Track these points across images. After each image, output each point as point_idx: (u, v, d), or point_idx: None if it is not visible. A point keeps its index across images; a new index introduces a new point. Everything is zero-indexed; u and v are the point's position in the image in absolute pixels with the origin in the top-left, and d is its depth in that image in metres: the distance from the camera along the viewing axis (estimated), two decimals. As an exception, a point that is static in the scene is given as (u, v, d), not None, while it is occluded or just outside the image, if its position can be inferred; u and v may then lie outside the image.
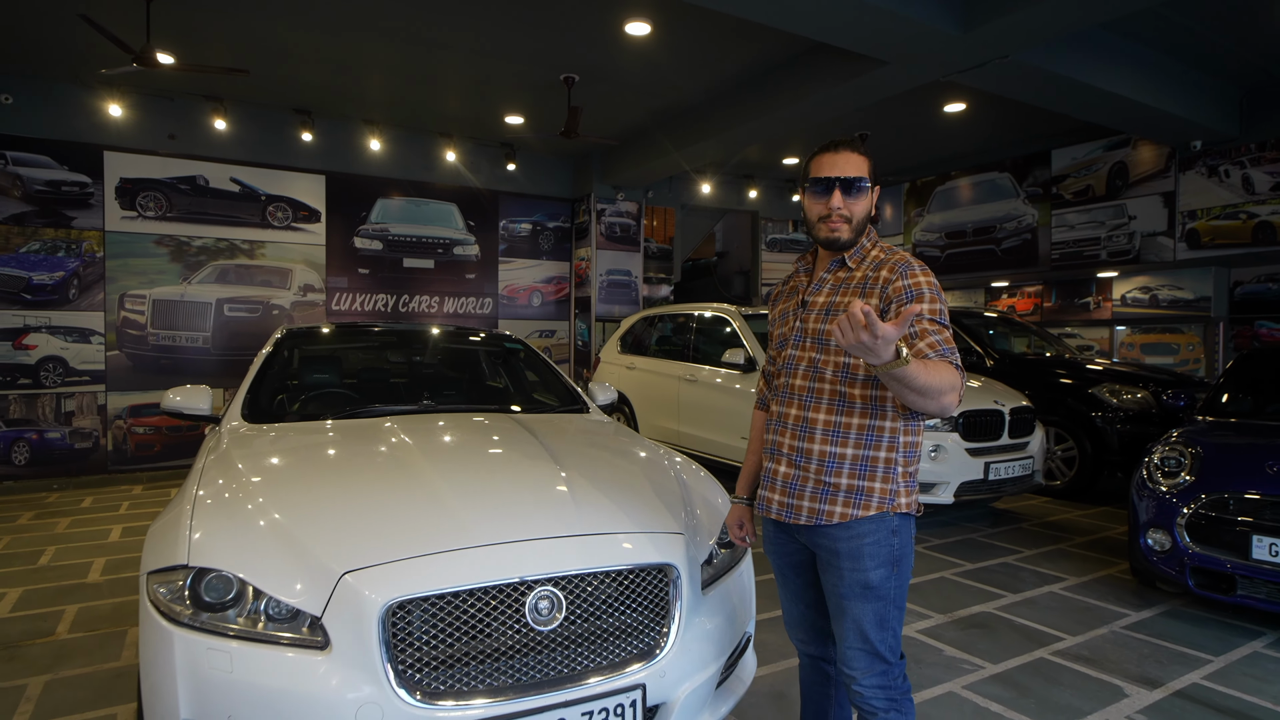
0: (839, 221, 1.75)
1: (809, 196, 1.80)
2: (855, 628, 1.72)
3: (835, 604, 1.77)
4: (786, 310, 1.93)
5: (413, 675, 1.69)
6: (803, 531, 1.81)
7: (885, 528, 1.71)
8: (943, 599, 3.75)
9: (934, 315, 1.66)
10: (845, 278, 1.80)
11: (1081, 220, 8.13)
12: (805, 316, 1.84)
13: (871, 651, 1.72)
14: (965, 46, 4.79)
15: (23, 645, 3.16)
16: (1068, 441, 6.14)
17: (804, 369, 1.81)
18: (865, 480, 1.72)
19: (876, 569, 1.71)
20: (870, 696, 1.72)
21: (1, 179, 6.42)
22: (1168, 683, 2.85)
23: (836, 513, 1.72)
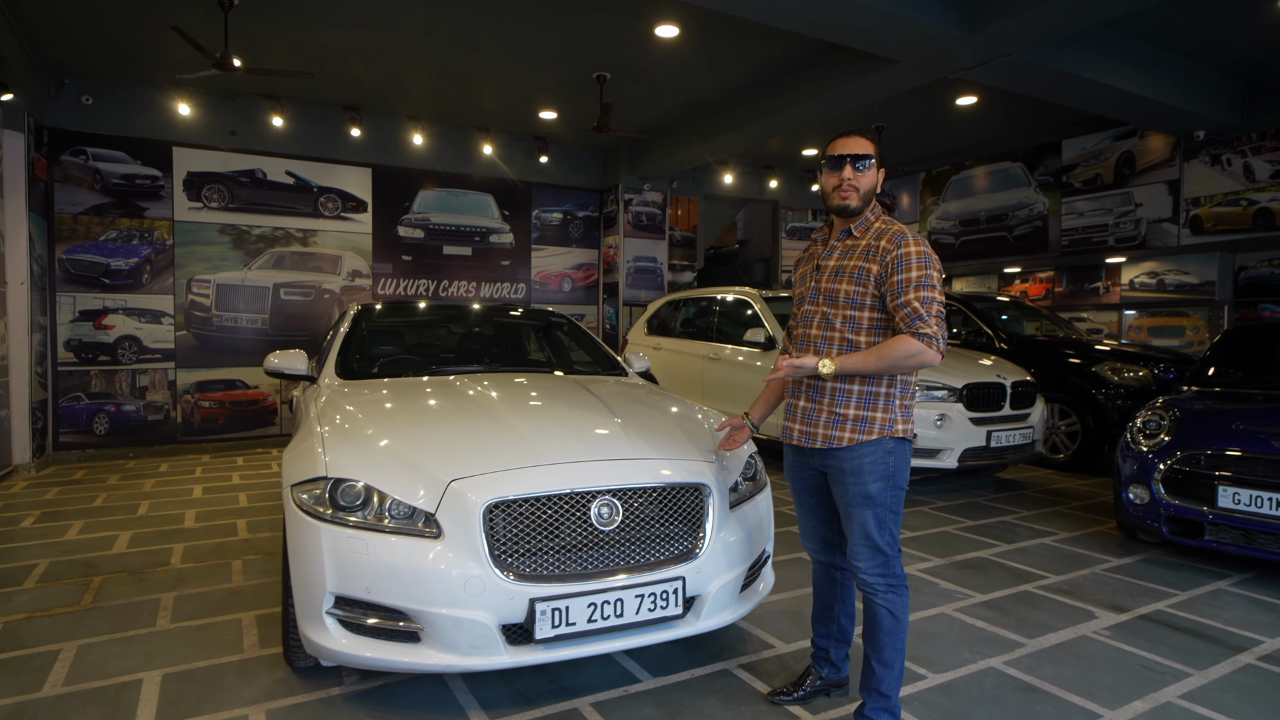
0: (849, 190, 2.12)
1: (825, 172, 2.18)
2: (860, 529, 2.13)
3: (844, 511, 2.17)
4: (805, 274, 2.32)
5: (505, 559, 2.18)
6: (816, 455, 2.21)
7: (882, 449, 2.10)
8: (943, 547, 4.19)
9: (919, 282, 2.02)
10: (852, 245, 2.17)
11: (1090, 208, 8.44)
12: (819, 278, 2.22)
13: (873, 546, 2.12)
14: (970, 46, 5.18)
15: (146, 572, 3.71)
16: (1071, 417, 6.51)
17: (818, 320, 2.20)
18: (869, 411, 2.11)
19: (875, 482, 2.10)
20: (873, 582, 2.13)
21: (83, 173, 7.02)
22: (1134, 610, 3.27)
23: (845, 438, 2.11)
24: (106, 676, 2.57)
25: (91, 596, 3.36)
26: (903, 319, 2.03)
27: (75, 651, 2.77)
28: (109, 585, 3.51)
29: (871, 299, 2.11)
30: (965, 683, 2.56)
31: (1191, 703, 2.43)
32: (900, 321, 2.04)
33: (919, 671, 2.63)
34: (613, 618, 2.23)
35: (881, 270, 2.08)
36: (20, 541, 4.26)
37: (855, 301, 2.12)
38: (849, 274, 2.13)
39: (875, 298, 2.10)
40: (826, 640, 2.42)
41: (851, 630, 2.44)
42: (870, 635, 2.15)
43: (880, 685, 2.12)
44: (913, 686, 2.52)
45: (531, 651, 2.18)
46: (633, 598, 2.26)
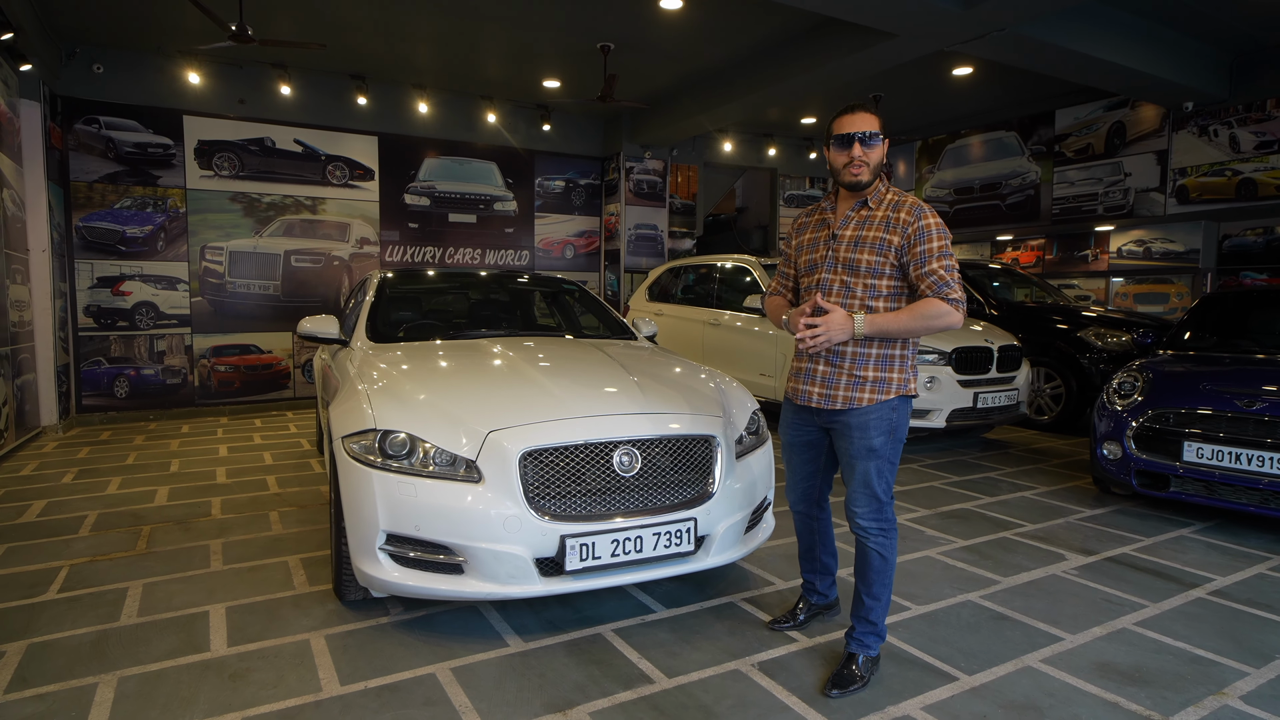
0: (860, 167, 2.21)
1: (834, 150, 2.25)
2: (861, 478, 2.28)
3: (847, 462, 2.32)
4: (816, 239, 2.37)
5: (539, 501, 2.46)
6: (824, 414, 2.34)
7: (887, 407, 2.25)
8: (930, 499, 4.50)
9: (941, 251, 2.17)
10: (868, 216, 2.27)
11: (1081, 177, 8.65)
12: (836, 247, 2.30)
13: (871, 494, 2.28)
14: (966, 20, 5.34)
15: (191, 521, 4.00)
16: (1057, 380, 6.80)
17: (837, 288, 2.29)
18: (886, 372, 2.25)
19: (879, 436, 2.26)
20: (868, 526, 2.30)
21: (96, 141, 7.15)
22: (1101, 553, 3.59)
23: (865, 398, 2.24)
24: (175, 609, 2.86)
25: (144, 543, 3.64)
26: (929, 286, 2.16)
27: (141, 589, 3.06)
28: (159, 533, 3.79)
29: (891, 268, 2.23)
30: (945, 613, 2.86)
31: (1144, 628, 2.75)
32: (927, 288, 2.17)
33: (904, 604, 2.94)
34: (633, 553, 2.52)
35: (903, 241, 2.20)
36: (65, 495, 4.53)
37: (876, 271, 2.23)
38: (870, 244, 2.24)
39: (894, 266, 2.22)
40: (813, 575, 2.69)
41: (834, 565, 2.70)
42: (861, 573, 2.34)
43: (869, 615, 2.34)
44: (898, 615, 2.82)
45: (562, 581, 2.47)
46: (650, 535, 2.54)
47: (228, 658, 2.47)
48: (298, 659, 2.45)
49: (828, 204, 2.42)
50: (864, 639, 2.35)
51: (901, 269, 2.23)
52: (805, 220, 2.49)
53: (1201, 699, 2.27)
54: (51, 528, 3.89)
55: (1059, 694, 2.28)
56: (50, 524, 3.96)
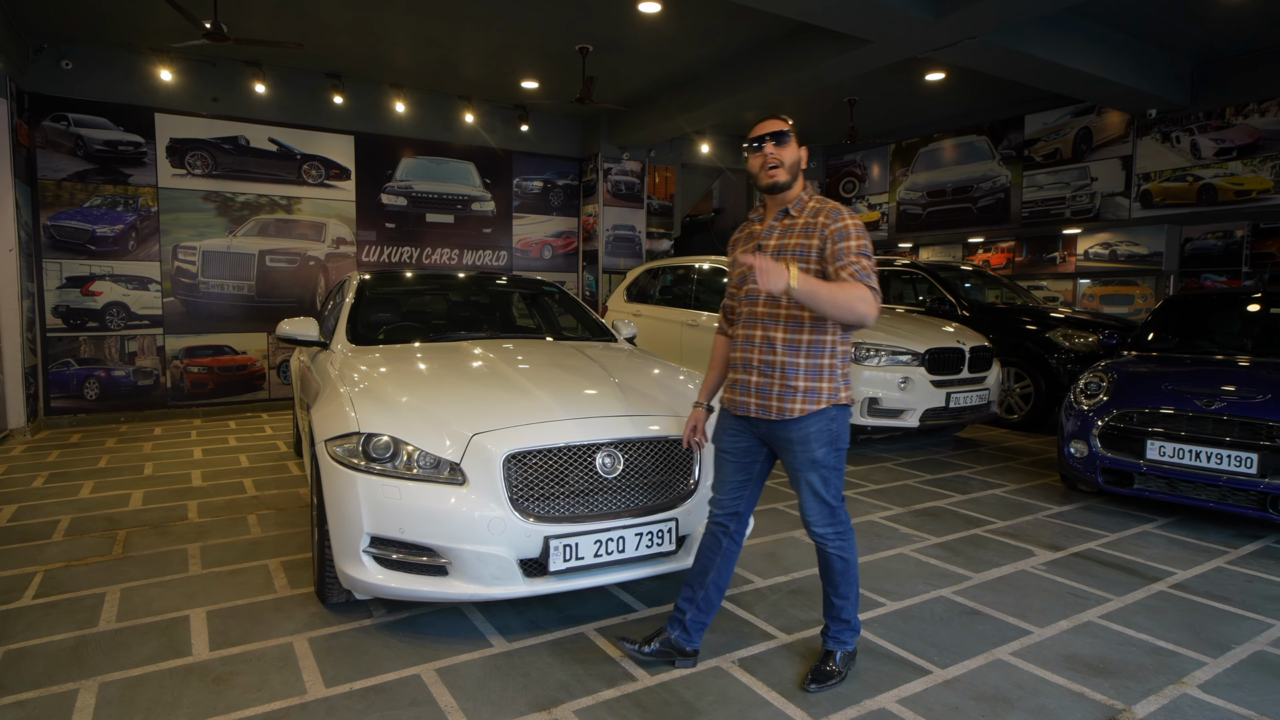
0: (775, 166, 2.25)
1: (750, 155, 2.31)
2: (809, 489, 2.29)
3: (793, 475, 2.32)
4: (747, 253, 2.38)
5: (522, 503, 2.49)
6: (762, 425, 2.31)
7: (826, 419, 2.25)
8: (904, 498, 4.60)
9: (859, 250, 2.17)
10: (790, 224, 2.30)
11: (1050, 181, 8.85)
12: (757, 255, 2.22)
13: (821, 502, 2.29)
14: (939, 29, 5.45)
15: (167, 525, 3.96)
16: (1026, 380, 6.96)
17: (764, 299, 2.29)
18: (816, 382, 2.24)
19: (820, 448, 2.25)
20: (824, 533, 2.31)
21: (65, 139, 7.02)
22: (1069, 548, 3.70)
23: (797, 409, 2.24)
24: (155, 614, 2.85)
25: (120, 547, 3.61)
26: (851, 274, 2.13)
27: (120, 594, 3.04)
28: (134, 537, 3.76)
29: (815, 274, 2.20)
30: (919, 608, 2.95)
31: (1108, 621, 2.85)
32: (849, 276, 2.14)
33: (878, 600, 3.01)
34: (616, 553, 2.56)
35: (822, 243, 2.21)
36: (37, 500, 4.46)
37: None
38: (792, 252, 2.25)
39: (817, 272, 2.21)
40: (688, 604, 2.45)
41: (717, 603, 2.47)
42: (826, 577, 2.37)
43: (841, 613, 2.38)
44: (873, 612, 2.90)
45: (546, 582, 2.50)
46: (633, 535, 2.59)
47: (210, 662, 2.47)
48: (281, 662, 2.46)
49: (756, 217, 2.45)
50: (840, 636, 2.41)
51: (824, 274, 2.21)
52: (737, 237, 2.50)
53: (1162, 688, 2.36)
54: (23, 533, 3.84)
55: (1028, 685, 2.37)
56: (22, 529, 3.90)
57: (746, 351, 2.34)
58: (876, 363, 5.55)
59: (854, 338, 5.63)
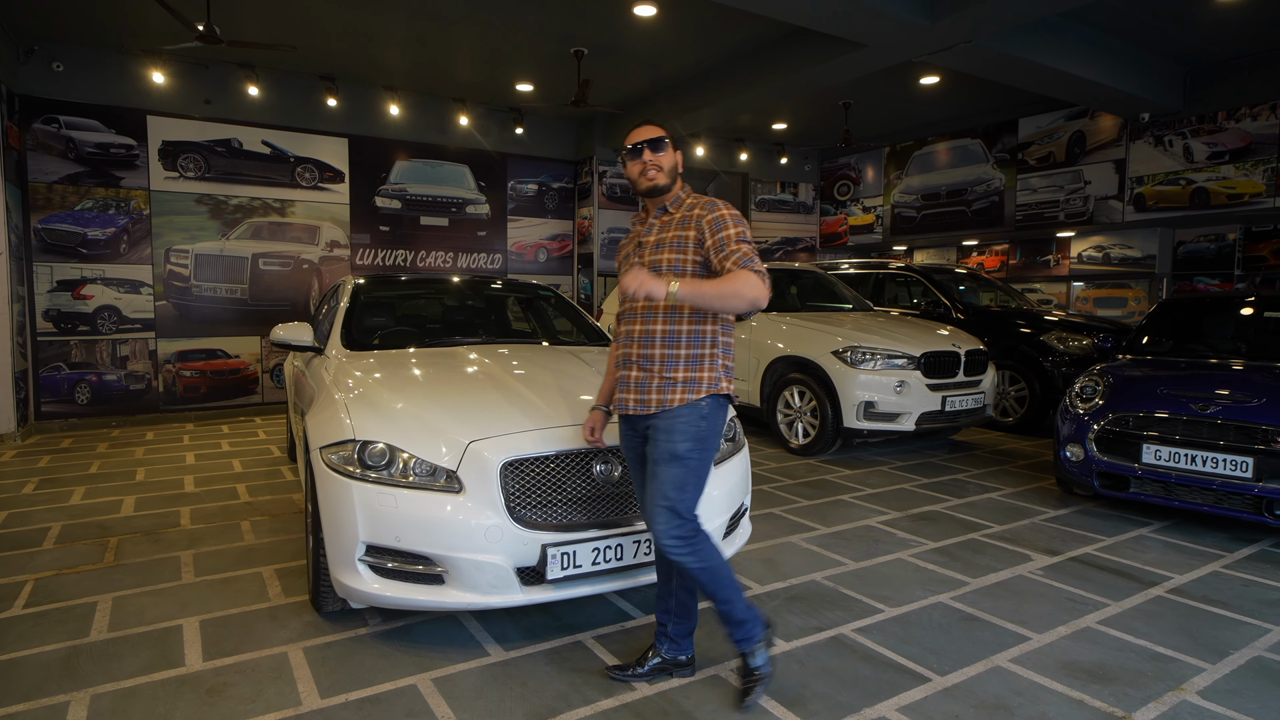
0: (654, 171, 2.26)
1: (629, 161, 2.30)
2: (659, 488, 2.15)
3: (651, 468, 2.21)
4: (629, 254, 2.41)
5: (519, 511, 2.47)
6: (640, 421, 2.27)
7: (696, 413, 2.18)
8: (900, 502, 4.59)
9: (739, 237, 2.15)
10: (668, 220, 2.29)
11: (1043, 184, 8.88)
12: (642, 253, 2.32)
13: (668, 507, 2.13)
14: (933, 33, 5.46)
15: (159, 532, 3.93)
16: (1021, 383, 6.97)
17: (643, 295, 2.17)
18: (696, 372, 2.21)
19: (684, 441, 2.16)
20: (670, 544, 2.14)
21: (56, 141, 6.97)
22: (1065, 553, 3.70)
23: (677, 399, 2.19)
24: (147, 623, 2.81)
25: (112, 555, 3.57)
26: (735, 262, 2.11)
27: (111, 603, 3.00)
28: (126, 545, 3.72)
29: (693, 265, 2.20)
30: (916, 614, 2.94)
31: (1106, 626, 2.85)
32: (734, 264, 2.11)
33: (876, 606, 3.00)
34: (614, 560, 2.54)
35: (699, 234, 2.19)
36: (27, 507, 4.42)
37: (677, 269, 2.20)
38: (668, 244, 2.24)
39: (696, 263, 2.20)
40: (666, 615, 2.41)
41: (692, 606, 2.39)
42: (702, 589, 2.23)
43: (732, 615, 2.23)
44: (871, 619, 2.89)
45: (543, 590, 2.48)
46: (630, 543, 2.57)
47: (204, 672, 2.44)
48: (276, 672, 2.44)
49: (637, 219, 2.45)
50: (748, 635, 2.26)
51: (705, 265, 2.19)
52: (625, 240, 2.49)
53: (1162, 695, 2.36)
54: (14, 540, 3.80)
55: (1027, 693, 2.36)
56: (12, 536, 3.86)
57: (626, 347, 2.31)
58: (872, 366, 5.54)
59: (851, 341, 5.64)
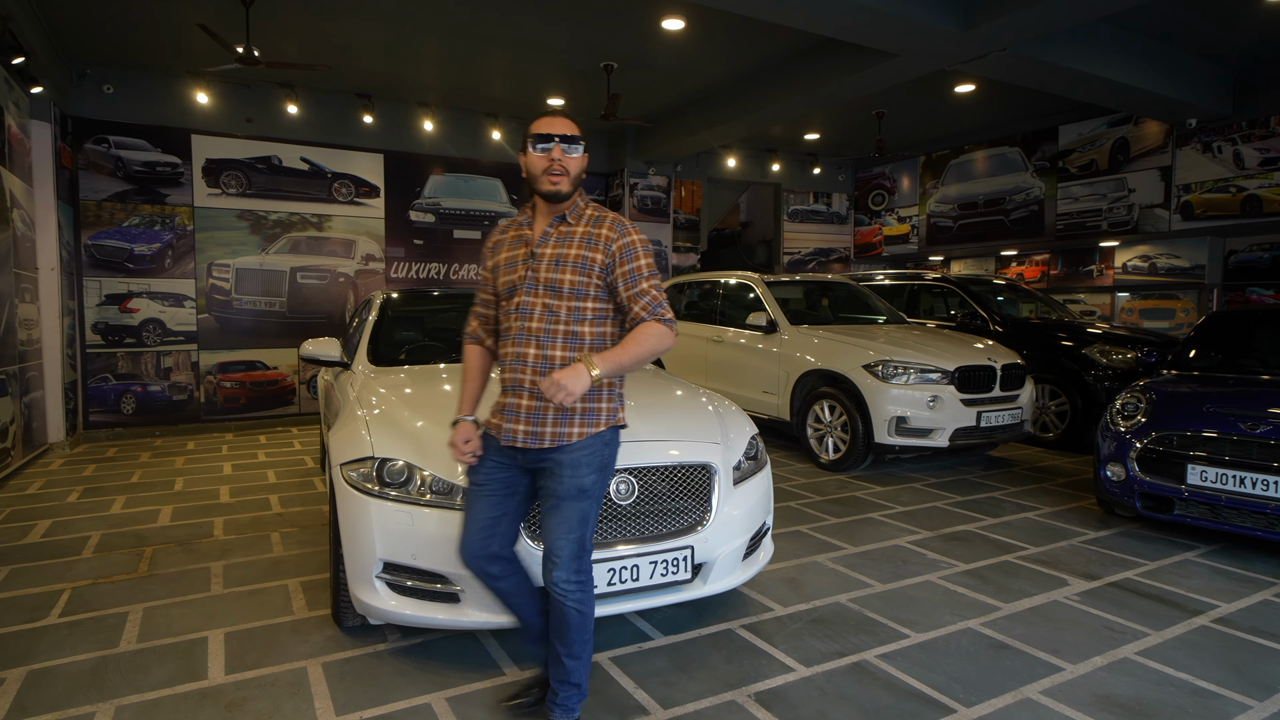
0: (560, 173, 2.02)
1: (533, 153, 2.04)
2: (567, 525, 2.03)
3: (554, 505, 2.04)
4: (514, 259, 2.11)
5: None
6: (530, 454, 2.06)
7: (601, 441, 2.08)
8: (931, 521, 4.48)
9: (650, 270, 2.06)
10: (568, 232, 2.07)
11: (1085, 193, 8.64)
12: (536, 267, 2.05)
13: (578, 541, 2.04)
14: (966, 42, 5.36)
15: (193, 543, 4.01)
16: (1061, 397, 6.77)
17: (539, 313, 2.04)
18: (595, 403, 2.06)
19: (590, 474, 2.05)
20: (568, 580, 2.03)
21: (106, 161, 7.24)
22: (1105, 578, 3.56)
23: (575, 433, 2.03)
24: (174, 635, 2.87)
25: (146, 565, 3.66)
26: (644, 307, 2.03)
27: (142, 613, 3.07)
28: (160, 555, 3.81)
29: (595, 288, 2.05)
30: (944, 641, 2.85)
31: (1146, 658, 2.72)
32: (642, 310, 2.03)
33: (902, 631, 2.92)
34: (630, 581, 2.52)
35: (607, 259, 2.05)
36: (70, 515, 4.56)
37: (580, 292, 2.04)
38: (572, 263, 2.04)
39: (598, 287, 2.06)
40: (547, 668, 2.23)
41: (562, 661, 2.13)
42: (560, 633, 2.08)
43: (571, 677, 2.11)
44: (896, 644, 2.81)
45: (558, 611, 2.46)
46: (647, 564, 2.54)
47: (225, 686, 2.48)
48: (294, 688, 2.46)
49: (525, 219, 2.18)
50: (567, 703, 2.14)
51: (608, 289, 2.07)
52: (500, 238, 2.20)
53: (1202, 733, 2.25)
54: (55, 549, 3.91)
55: (1057, 728, 2.27)
56: (54, 545, 3.98)
57: (518, 372, 2.05)
58: (905, 380, 5.43)
59: (882, 355, 5.54)
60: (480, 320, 2.29)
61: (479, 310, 2.29)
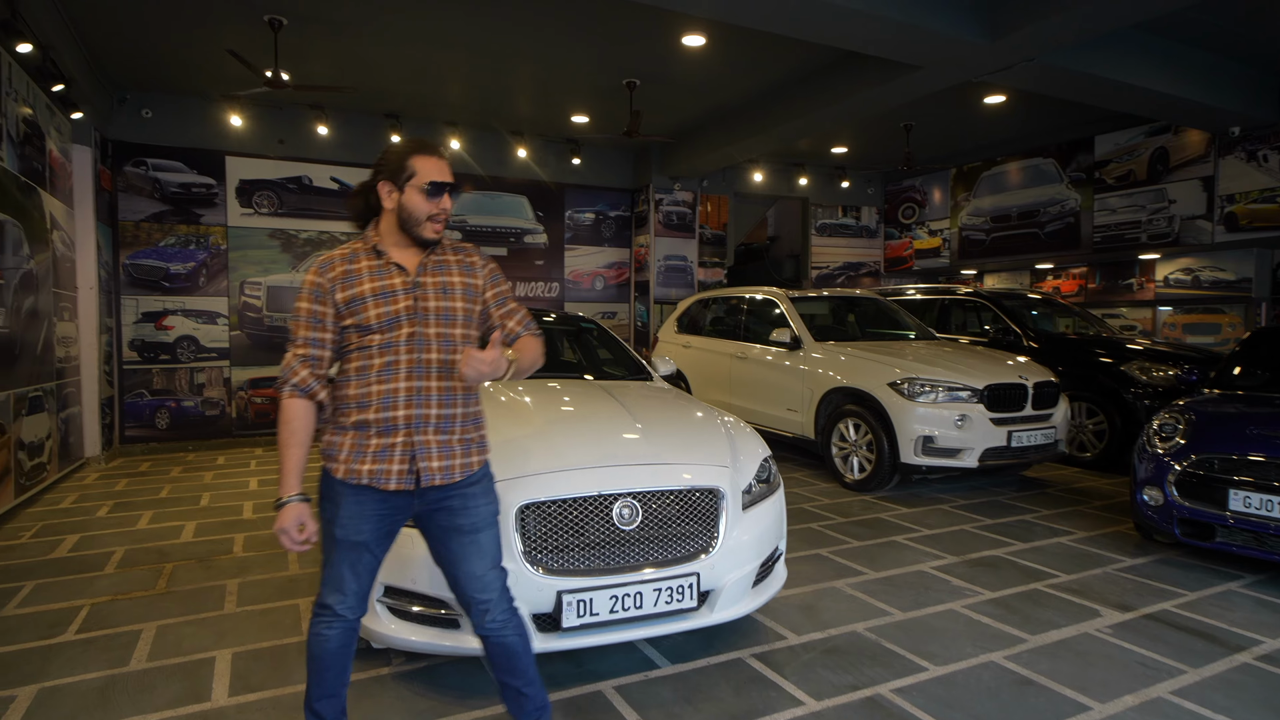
0: (443, 222, 1.97)
1: (422, 195, 1.91)
2: (489, 552, 2.00)
3: (469, 541, 1.97)
4: (388, 289, 1.93)
5: (536, 555, 2.42)
6: (435, 493, 1.95)
7: (488, 465, 2.09)
8: (958, 545, 4.33)
9: (511, 291, 2.16)
10: (442, 260, 2.01)
11: (1123, 204, 8.38)
12: (423, 295, 1.95)
13: (499, 567, 2.03)
14: (992, 52, 5.24)
15: (212, 560, 4.05)
16: (1100, 416, 6.53)
17: (437, 344, 1.95)
18: (480, 429, 2.06)
19: (494, 499, 2.06)
20: (504, 612, 2.00)
21: (144, 183, 7.45)
22: (1140, 609, 3.39)
23: (475, 461, 2.01)
24: (183, 654, 2.88)
25: (165, 581, 3.70)
26: (519, 322, 2.12)
27: (155, 631, 3.10)
28: (180, 571, 3.85)
29: (477, 314, 2.06)
30: (964, 675, 2.73)
31: (1181, 698, 2.57)
32: (517, 324, 2.11)
33: (920, 664, 2.81)
34: (633, 609, 2.46)
35: (480, 282, 2.07)
36: (98, 530, 4.65)
37: (470, 318, 2.02)
38: (460, 291, 2.00)
39: (477, 312, 2.06)
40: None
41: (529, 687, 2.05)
42: (511, 667, 2.02)
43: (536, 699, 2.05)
44: (913, 678, 2.70)
45: (559, 639, 2.42)
46: (651, 591, 2.48)
47: (227, 709, 2.47)
48: (295, 711, 2.44)
49: (376, 250, 1.97)
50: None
51: (484, 314, 2.10)
52: (350, 268, 1.95)
53: (1240, 784, 2.10)
54: (79, 564, 3.98)
55: (1081, 773, 2.14)
56: (79, 560, 4.05)
57: (423, 407, 1.92)
58: (932, 399, 5.29)
59: (908, 372, 5.41)
60: (311, 366, 1.92)
61: (310, 353, 1.92)
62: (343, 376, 1.97)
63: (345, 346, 1.96)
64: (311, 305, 1.93)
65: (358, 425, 1.92)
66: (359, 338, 1.93)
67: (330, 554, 1.96)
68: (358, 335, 1.93)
